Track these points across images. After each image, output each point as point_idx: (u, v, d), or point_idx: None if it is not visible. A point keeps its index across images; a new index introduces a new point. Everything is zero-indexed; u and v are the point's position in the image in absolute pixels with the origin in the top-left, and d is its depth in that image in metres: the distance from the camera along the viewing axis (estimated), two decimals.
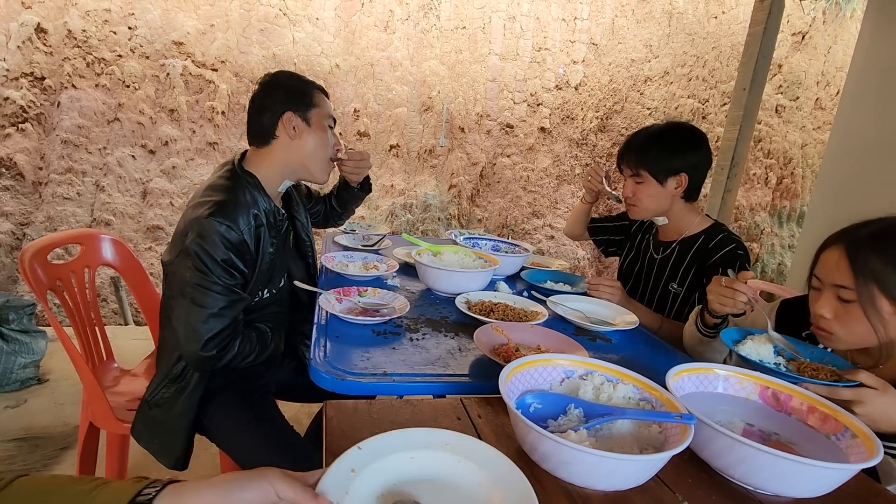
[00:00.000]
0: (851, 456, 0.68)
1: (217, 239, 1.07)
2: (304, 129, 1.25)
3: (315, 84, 1.31)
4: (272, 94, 1.24)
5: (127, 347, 2.59)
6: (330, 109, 1.31)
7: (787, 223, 4.41)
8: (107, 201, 3.01)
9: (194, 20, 3.04)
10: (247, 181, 1.20)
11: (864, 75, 2.93)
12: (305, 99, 1.25)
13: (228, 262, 1.10)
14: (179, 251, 1.10)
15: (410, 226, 3.65)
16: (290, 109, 1.23)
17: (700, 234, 1.46)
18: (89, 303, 1.45)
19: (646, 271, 1.60)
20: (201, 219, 1.07)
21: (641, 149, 1.45)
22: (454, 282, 1.35)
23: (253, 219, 1.16)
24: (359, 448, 0.57)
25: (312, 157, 1.27)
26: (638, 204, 1.48)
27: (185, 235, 1.09)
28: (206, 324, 1.08)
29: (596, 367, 0.81)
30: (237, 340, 1.13)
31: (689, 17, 3.82)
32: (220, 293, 1.09)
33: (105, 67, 2.92)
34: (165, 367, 1.20)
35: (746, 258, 1.39)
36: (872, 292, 0.88)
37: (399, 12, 3.39)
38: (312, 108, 1.26)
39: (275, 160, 1.25)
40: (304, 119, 1.25)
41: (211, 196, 1.13)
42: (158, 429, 1.19)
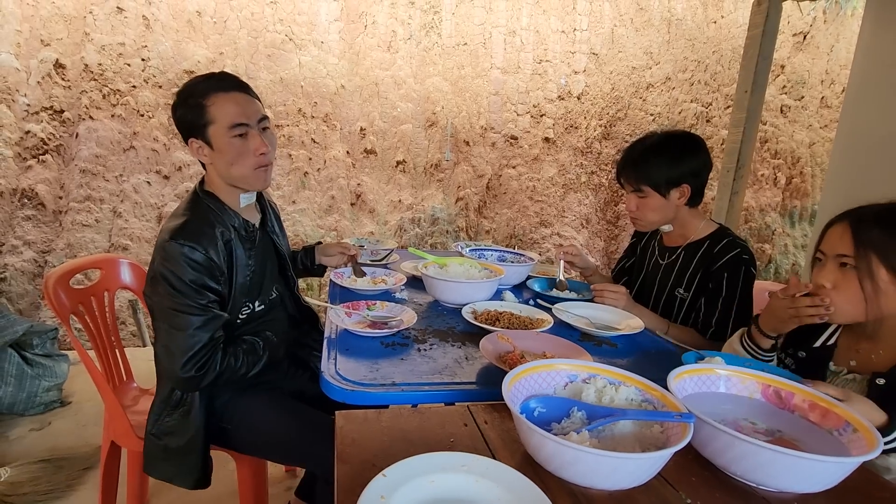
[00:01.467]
0: (853, 450, 0.69)
1: (182, 261, 1.07)
2: (211, 153, 1.16)
3: (215, 87, 1.13)
4: (176, 118, 1.17)
5: (145, 368, 2.64)
6: (237, 112, 1.13)
7: (800, 223, 4.37)
8: (124, 227, 3.10)
9: (204, 49, 3.15)
10: (207, 201, 1.19)
11: (866, 72, 2.93)
12: (200, 119, 1.13)
13: (197, 282, 1.09)
14: (151, 278, 1.12)
15: (419, 239, 3.69)
16: (192, 135, 1.15)
17: (705, 238, 1.47)
18: (109, 325, 1.50)
19: (651, 277, 1.61)
20: (164, 243, 1.08)
21: (640, 163, 1.45)
22: (460, 293, 1.37)
23: (219, 235, 1.15)
24: (384, 475, 0.60)
25: (230, 175, 1.17)
26: (642, 218, 1.49)
27: (153, 262, 1.11)
28: (181, 345, 1.08)
29: (598, 371, 0.83)
30: (217, 357, 1.12)
31: (689, 22, 3.86)
32: (193, 314, 1.09)
33: (120, 98, 3.04)
34: (162, 396, 1.21)
35: (752, 262, 1.39)
36: (871, 260, 0.90)
37: (401, 32, 3.47)
38: (209, 126, 1.13)
39: (215, 181, 1.21)
40: (206, 142, 1.15)
41: (171, 221, 1.13)
42: (173, 456, 1.20)
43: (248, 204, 1.26)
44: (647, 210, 1.47)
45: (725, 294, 1.37)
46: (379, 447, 0.72)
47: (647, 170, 1.43)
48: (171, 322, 1.09)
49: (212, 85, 1.14)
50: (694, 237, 1.49)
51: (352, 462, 0.69)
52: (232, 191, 1.22)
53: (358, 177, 3.57)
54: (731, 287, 1.37)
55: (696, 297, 1.46)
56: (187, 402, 1.19)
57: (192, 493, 1.22)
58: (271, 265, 1.34)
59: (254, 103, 1.18)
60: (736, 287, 1.36)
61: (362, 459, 0.69)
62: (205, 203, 1.18)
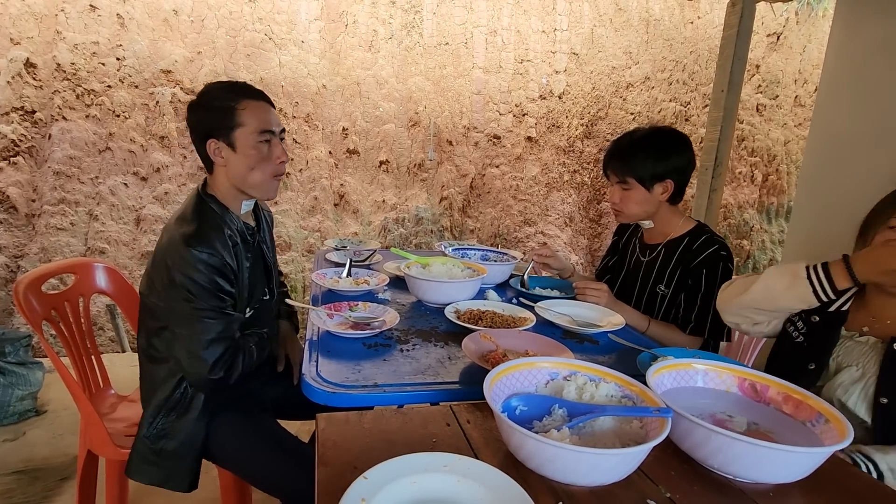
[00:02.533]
0: (825, 440, 0.70)
1: (201, 267, 1.09)
2: (231, 155, 1.18)
3: (244, 93, 1.18)
4: (194, 117, 1.19)
5: (125, 374, 2.59)
6: (265, 119, 1.19)
7: (776, 219, 4.47)
8: (100, 230, 3.03)
9: (181, 48, 3.10)
10: (211, 205, 1.20)
11: (837, 71, 3.01)
12: (227, 121, 1.16)
13: (217, 287, 1.12)
14: (165, 284, 1.11)
15: (403, 240, 3.68)
16: (213, 136, 1.17)
17: (684, 235, 1.49)
18: (84, 331, 1.47)
19: (633, 274, 1.63)
20: (181, 250, 1.09)
21: (627, 155, 1.46)
22: (443, 292, 1.37)
23: (228, 239, 1.17)
24: (364, 477, 0.60)
25: (247, 180, 1.20)
26: (625, 210, 1.51)
27: (166, 268, 1.10)
28: (207, 350, 1.10)
29: (579, 368, 0.83)
30: (239, 357, 1.16)
31: (666, 23, 3.91)
32: (216, 318, 1.11)
33: (95, 98, 2.97)
34: (160, 398, 1.20)
35: (729, 259, 1.42)
36: None
37: (382, 31, 3.46)
38: (236, 129, 1.16)
39: (221, 187, 1.22)
40: (229, 144, 1.17)
41: (183, 226, 1.14)
42: (166, 459, 1.19)
43: (247, 210, 1.29)
44: (630, 202, 1.49)
45: (704, 290, 1.40)
46: (361, 449, 0.72)
47: (633, 163, 1.45)
48: (194, 327, 1.10)
49: (241, 91, 1.19)
50: (673, 234, 1.52)
51: (333, 465, 0.68)
52: (237, 196, 1.24)
53: (341, 177, 3.54)
54: (709, 283, 1.40)
55: (676, 294, 1.48)
56: (186, 403, 1.19)
57: (175, 499, 1.21)
58: (260, 272, 1.35)
59: (276, 116, 1.24)
60: (714, 283, 1.39)
61: (343, 462, 0.69)
62: (209, 206, 1.20)
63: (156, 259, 1.16)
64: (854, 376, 1.00)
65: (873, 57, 2.80)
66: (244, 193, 1.24)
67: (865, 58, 2.84)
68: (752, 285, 1.16)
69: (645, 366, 1.04)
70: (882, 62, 2.75)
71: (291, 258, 3.46)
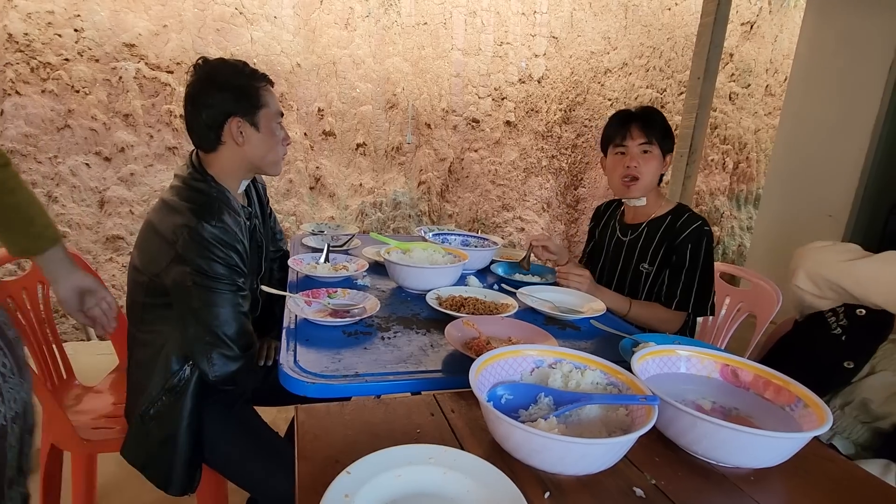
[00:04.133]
0: (804, 425, 0.72)
1: (216, 242, 1.06)
2: (253, 134, 1.18)
3: (261, 77, 1.21)
4: (214, 94, 1.15)
5: (90, 363, 2.49)
6: (277, 104, 1.25)
7: (745, 206, 4.59)
8: (61, 212, 2.88)
9: (146, 21, 2.93)
10: (213, 181, 1.17)
11: (808, 62, 3.07)
12: (253, 101, 1.17)
13: (231, 263, 1.09)
14: (171, 259, 1.06)
15: (381, 224, 3.63)
16: (237, 114, 1.15)
17: (667, 214, 1.52)
18: (44, 320, 1.39)
19: (613, 255, 1.64)
20: (193, 226, 1.05)
21: (651, 122, 1.46)
22: (424, 278, 1.35)
23: (236, 214, 1.16)
24: (348, 472, 0.58)
25: (263, 159, 1.22)
26: (642, 177, 1.48)
27: (171, 244, 1.05)
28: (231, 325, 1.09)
29: (564, 356, 0.83)
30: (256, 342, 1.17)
31: (644, 9, 3.91)
32: (231, 292, 1.10)
33: (52, 72, 2.79)
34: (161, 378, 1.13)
35: (711, 235, 1.46)
36: None
37: (359, 9, 3.35)
38: (261, 109, 1.18)
39: (225, 165, 1.19)
40: (253, 123, 1.17)
41: (189, 201, 1.10)
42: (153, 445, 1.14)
43: (242, 190, 1.28)
44: (648, 169, 1.47)
45: (689, 265, 1.43)
46: (343, 442, 0.70)
47: (656, 128, 1.46)
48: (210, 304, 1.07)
49: (258, 74, 1.21)
50: (656, 213, 1.54)
51: (313, 459, 0.66)
52: (238, 175, 1.23)
53: (316, 160, 3.45)
54: (693, 258, 1.43)
55: (659, 271, 1.51)
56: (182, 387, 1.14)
57: (145, 494, 1.16)
58: (254, 252, 1.32)
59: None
60: (698, 257, 1.42)
61: (325, 456, 0.66)
62: (213, 184, 1.17)
63: (154, 233, 1.09)
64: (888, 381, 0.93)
65: (843, 48, 2.87)
66: (251, 172, 1.24)
67: (835, 49, 2.91)
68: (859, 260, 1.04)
69: (627, 352, 1.05)
70: (851, 53, 2.82)
71: None
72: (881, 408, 0.93)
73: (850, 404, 0.98)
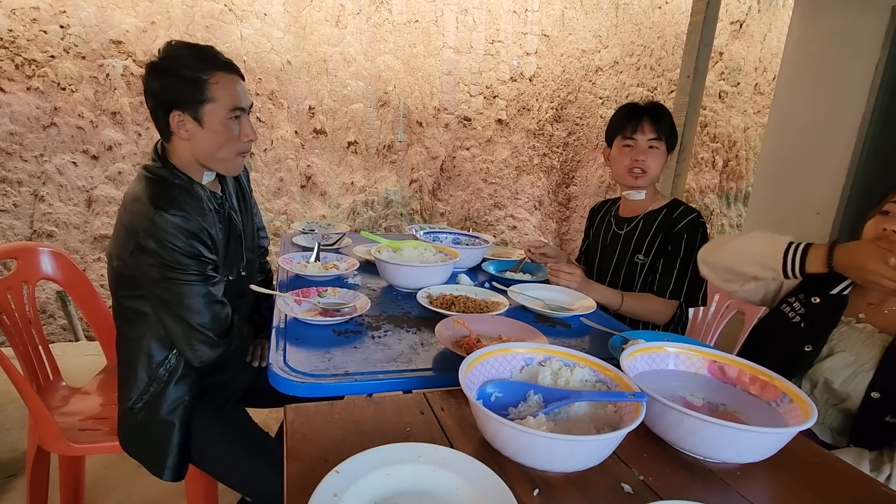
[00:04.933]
0: (789, 420, 0.73)
1: (175, 231, 1.02)
2: (197, 130, 1.09)
3: (216, 64, 1.08)
4: (157, 84, 1.06)
5: (79, 364, 2.46)
6: (237, 95, 1.11)
7: (735, 203, 4.63)
8: (48, 211, 2.84)
9: (133, 17, 2.90)
10: (175, 170, 1.13)
11: (796, 61, 3.10)
12: (196, 94, 1.06)
13: (195, 252, 1.06)
14: (132, 250, 1.04)
15: (373, 223, 3.62)
16: (177, 107, 1.06)
17: (662, 207, 1.55)
18: (30, 320, 1.37)
19: (610, 248, 1.66)
20: (150, 214, 1.01)
21: (659, 117, 1.49)
22: (415, 277, 1.35)
23: (204, 203, 1.12)
24: (336, 472, 0.57)
25: (212, 157, 1.13)
26: (649, 171, 1.51)
27: (133, 234, 1.03)
28: (203, 314, 1.07)
29: (554, 353, 0.83)
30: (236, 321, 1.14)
31: (635, 7, 3.93)
32: (198, 282, 1.06)
33: (37, 69, 2.75)
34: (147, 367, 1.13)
35: (706, 227, 1.48)
36: None
37: (350, 6, 3.33)
38: (206, 103, 1.07)
39: (181, 156, 1.13)
40: (196, 118, 1.08)
41: (149, 189, 1.06)
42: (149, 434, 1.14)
43: (210, 180, 1.20)
44: (655, 163, 1.50)
45: (683, 254, 1.45)
46: (332, 441, 0.70)
47: (664, 124, 1.49)
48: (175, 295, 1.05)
49: (212, 62, 1.08)
50: (652, 207, 1.58)
51: (303, 459, 0.65)
52: (197, 167, 1.16)
53: (308, 158, 3.43)
54: (689, 247, 1.45)
55: (654, 262, 1.53)
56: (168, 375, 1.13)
57: (134, 496, 1.15)
58: (234, 241, 1.28)
59: (246, 89, 1.16)
60: (693, 247, 1.44)
61: (314, 455, 0.66)
62: (175, 173, 1.12)
63: (122, 228, 1.07)
64: (847, 360, 1.00)
65: (830, 47, 2.90)
66: (206, 168, 1.17)
67: (822, 47, 2.94)
68: (734, 241, 1.17)
69: (616, 349, 1.05)
70: (838, 52, 2.85)
71: None
72: (842, 387, 0.99)
73: (817, 387, 1.04)
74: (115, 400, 1.21)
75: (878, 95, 2.62)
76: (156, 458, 1.14)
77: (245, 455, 1.15)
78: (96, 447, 1.23)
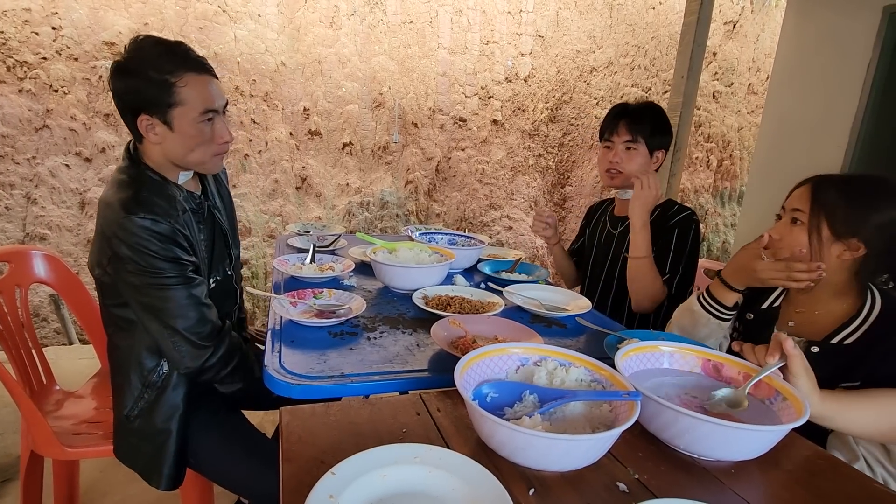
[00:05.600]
0: (783, 417, 0.73)
1: (146, 235, 0.99)
2: (166, 134, 1.05)
3: (184, 64, 1.02)
4: (122, 84, 1.02)
5: (73, 368, 2.45)
6: (208, 97, 1.06)
7: (729, 203, 4.65)
8: (40, 214, 2.82)
9: (126, 19, 2.88)
10: (148, 173, 1.09)
11: (789, 61, 3.12)
12: (163, 97, 1.01)
13: (170, 255, 1.03)
14: (109, 259, 1.03)
15: (369, 224, 3.61)
16: (144, 111, 1.02)
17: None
18: (23, 324, 1.36)
19: (604, 247, 1.68)
20: (120, 219, 0.99)
21: (639, 118, 1.51)
22: (410, 278, 1.35)
23: (177, 204, 1.08)
24: (332, 473, 0.57)
25: (185, 159, 1.09)
26: (624, 171, 1.53)
27: (109, 241, 1.01)
28: (186, 318, 1.04)
29: (549, 353, 0.83)
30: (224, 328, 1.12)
31: (629, 8, 3.94)
32: (179, 285, 1.04)
33: (29, 71, 2.73)
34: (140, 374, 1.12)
35: (699, 226, 1.50)
36: (820, 218, 0.97)
37: (344, 7, 3.33)
38: (174, 107, 1.02)
39: (154, 157, 1.09)
40: (164, 122, 1.04)
41: (119, 193, 1.03)
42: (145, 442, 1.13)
43: (186, 180, 1.17)
44: (632, 163, 1.52)
45: (675, 248, 1.47)
46: (328, 443, 0.69)
47: (644, 125, 1.50)
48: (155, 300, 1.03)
49: (180, 62, 1.02)
50: None
51: (298, 461, 0.65)
52: (174, 168, 1.12)
53: (303, 159, 3.42)
54: (681, 241, 1.47)
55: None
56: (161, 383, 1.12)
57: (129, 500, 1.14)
58: (219, 240, 1.26)
59: (220, 87, 1.10)
60: (686, 242, 1.46)
61: (310, 457, 0.66)
62: (146, 173, 1.08)
63: (97, 234, 1.06)
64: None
65: (822, 47, 2.92)
66: (180, 167, 1.13)
67: (815, 48, 2.96)
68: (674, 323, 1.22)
69: (612, 348, 1.05)
70: (830, 52, 2.87)
71: (252, 243, 3.34)
72: None
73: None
74: (109, 404, 1.20)
75: (871, 95, 2.64)
76: (152, 467, 1.13)
77: (242, 457, 1.14)
78: (90, 451, 1.22)
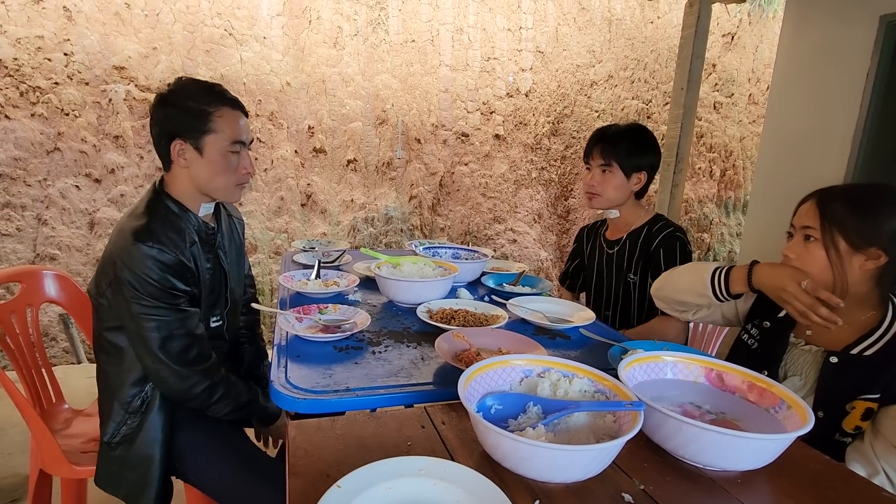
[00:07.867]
0: (788, 426, 0.73)
1: (149, 263, 1.04)
2: (196, 159, 1.14)
3: (221, 99, 1.15)
4: (162, 113, 1.13)
5: (81, 387, 2.46)
6: (238, 130, 1.17)
7: (734, 212, 4.64)
8: (50, 235, 2.87)
9: (135, 44, 2.96)
10: (167, 203, 1.16)
11: (787, 70, 3.15)
12: (198, 124, 1.12)
13: (168, 285, 1.07)
14: (111, 281, 1.07)
15: (373, 239, 3.64)
16: (179, 136, 1.12)
17: (644, 225, 1.57)
18: (33, 343, 1.38)
19: (601, 269, 1.68)
20: (128, 246, 1.04)
21: (614, 142, 1.54)
22: (414, 292, 1.36)
23: (187, 237, 1.14)
24: (338, 486, 0.58)
25: (208, 185, 1.18)
26: (602, 193, 1.57)
27: (112, 265, 1.06)
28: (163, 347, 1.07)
29: (552, 364, 0.84)
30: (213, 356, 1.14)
31: (628, 22, 4.00)
32: (167, 315, 1.08)
33: (41, 96, 2.80)
34: (119, 401, 1.14)
35: (685, 240, 1.49)
36: (833, 232, 0.97)
37: (347, 28, 3.40)
38: (207, 134, 1.13)
39: (180, 185, 1.18)
40: (196, 148, 1.14)
41: (132, 222, 1.09)
42: (130, 469, 1.13)
43: (206, 213, 1.24)
44: (608, 186, 1.55)
45: (664, 268, 1.45)
46: (333, 457, 0.70)
47: (619, 149, 1.53)
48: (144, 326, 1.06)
49: (219, 97, 1.16)
50: (635, 225, 1.60)
51: (305, 474, 0.66)
52: (197, 197, 1.20)
53: (308, 176, 3.47)
54: (668, 261, 1.46)
55: (643, 279, 1.55)
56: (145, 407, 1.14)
57: None
58: (219, 274, 1.29)
59: (249, 126, 1.23)
60: (673, 261, 1.45)
61: (316, 471, 0.67)
62: (165, 203, 1.15)
63: (104, 257, 1.10)
64: (797, 385, 1.02)
65: (820, 57, 2.94)
66: (203, 196, 1.21)
67: (813, 58, 2.98)
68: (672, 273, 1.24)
69: (616, 359, 1.06)
70: (828, 62, 2.89)
71: (258, 260, 3.37)
72: None
73: None
74: None
75: (871, 103, 2.65)
76: (136, 494, 1.13)
77: (242, 473, 1.15)
78: None
